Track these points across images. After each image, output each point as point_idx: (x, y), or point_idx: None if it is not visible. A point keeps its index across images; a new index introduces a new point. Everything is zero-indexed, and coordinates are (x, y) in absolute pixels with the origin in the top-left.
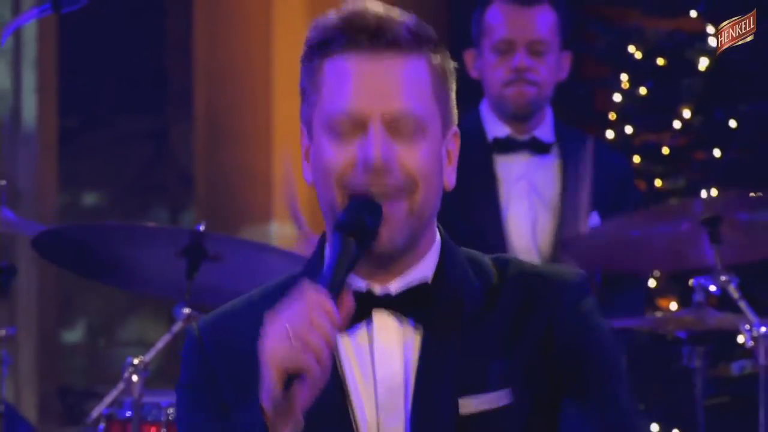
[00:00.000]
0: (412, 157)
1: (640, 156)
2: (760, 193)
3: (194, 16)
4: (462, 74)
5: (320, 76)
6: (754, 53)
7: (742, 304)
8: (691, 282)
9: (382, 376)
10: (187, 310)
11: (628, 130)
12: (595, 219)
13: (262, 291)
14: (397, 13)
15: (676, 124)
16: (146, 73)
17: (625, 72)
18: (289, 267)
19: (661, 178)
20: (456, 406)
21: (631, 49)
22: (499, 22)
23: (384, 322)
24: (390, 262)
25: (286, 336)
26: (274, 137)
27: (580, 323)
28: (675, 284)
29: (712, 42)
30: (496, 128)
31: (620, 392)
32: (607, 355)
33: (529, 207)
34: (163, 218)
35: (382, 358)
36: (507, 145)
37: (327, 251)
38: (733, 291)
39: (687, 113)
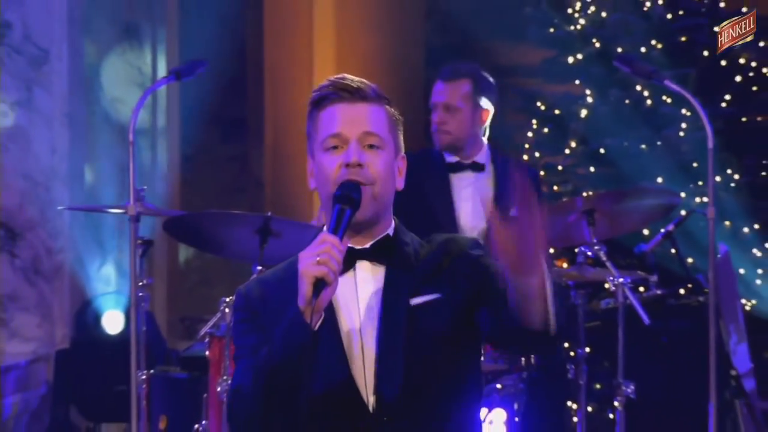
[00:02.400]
0: (375, 162)
1: (544, 171)
2: (619, 192)
3: (265, 82)
4: None
5: (318, 120)
6: (617, 106)
7: (608, 264)
8: (576, 250)
9: (362, 296)
10: (259, 268)
11: (537, 154)
12: (515, 212)
13: (283, 265)
14: (366, 82)
15: (567, 151)
16: (233, 118)
17: (534, 118)
18: None
19: (557, 185)
20: (408, 302)
21: (538, 103)
22: (433, 90)
23: (363, 266)
24: (364, 229)
25: (314, 259)
26: None
27: (478, 259)
28: (566, 252)
29: (589, 99)
30: (450, 157)
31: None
32: (501, 274)
33: (473, 206)
34: (245, 210)
35: (362, 285)
36: (457, 167)
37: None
38: (602, 255)
39: (573, 144)
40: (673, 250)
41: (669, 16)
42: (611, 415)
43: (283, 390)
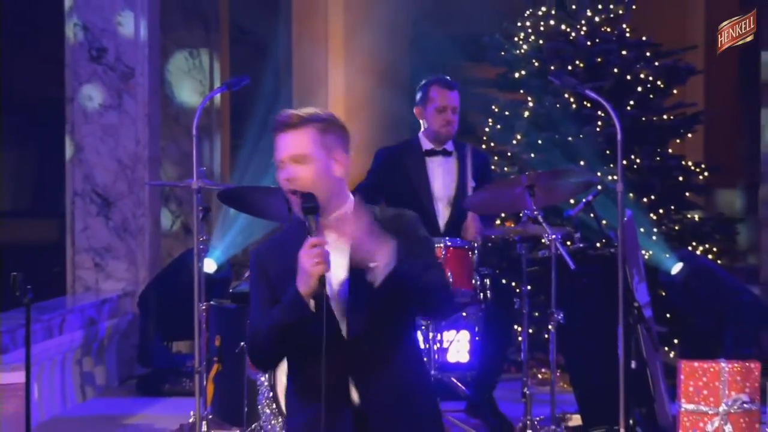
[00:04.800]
0: (302, 172)
1: (498, 156)
2: (552, 172)
3: (293, 90)
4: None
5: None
6: (551, 109)
7: (544, 224)
8: (521, 214)
9: (333, 258)
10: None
11: (492, 144)
12: (473, 185)
13: (280, 233)
14: (304, 111)
15: (514, 142)
16: (268, 117)
17: (490, 117)
18: None
19: (507, 167)
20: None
21: (493, 107)
22: (437, 96)
23: (330, 236)
24: (324, 211)
25: (314, 260)
26: None
27: (416, 233)
28: (513, 216)
29: (530, 104)
30: (427, 144)
31: (431, 255)
32: (426, 242)
33: (443, 182)
34: (277, 185)
35: (333, 250)
36: (432, 152)
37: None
38: (540, 218)
39: (519, 137)
40: (591, 215)
41: (588, 43)
42: (546, 336)
43: (286, 339)
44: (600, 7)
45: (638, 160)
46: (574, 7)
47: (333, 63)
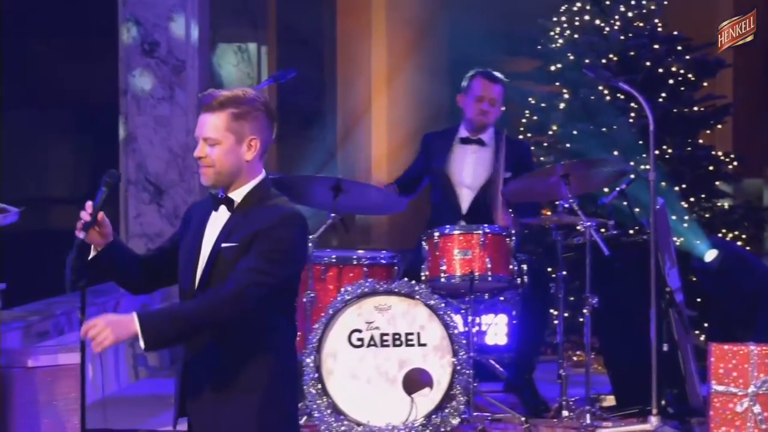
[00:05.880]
0: (212, 152)
1: (534, 146)
2: (587, 162)
3: (337, 83)
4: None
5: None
6: (585, 101)
7: (579, 212)
8: (557, 202)
9: (211, 228)
10: (333, 215)
11: (529, 134)
12: (507, 175)
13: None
14: (227, 93)
15: (550, 132)
16: (313, 110)
17: (527, 109)
18: (381, 196)
19: (544, 156)
20: (220, 245)
21: (530, 99)
22: (477, 85)
23: (221, 209)
24: (227, 187)
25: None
26: (372, 140)
27: (273, 229)
28: (550, 204)
29: (566, 96)
30: (463, 132)
31: (265, 253)
32: (275, 242)
33: (473, 170)
34: (323, 174)
35: (213, 221)
36: (467, 141)
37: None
38: (575, 206)
39: (554, 127)
40: (625, 203)
41: (622, 37)
42: (581, 319)
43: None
44: (633, 2)
45: (670, 150)
46: (608, 2)
47: (376, 56)
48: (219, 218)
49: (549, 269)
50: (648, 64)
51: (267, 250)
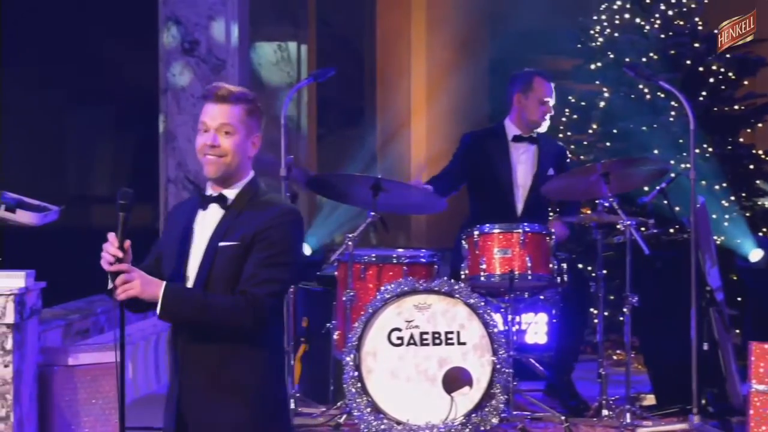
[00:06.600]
0: (226, 142)
1: (574, 145)
2: (627, 160)
3: (377, 83)
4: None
5: (202, 110)
6: (626, 100)
7: (619, 211)
8: (597, 201)
9: (205, 227)
10: (372, 213)
11: (569, 133)
12: (551, 173)
13: (186, 200)
14: (236, 88)
15: (590, 131)
16: (353, 108)
17: (567, 108)
18: (420, 195)
19: (584, 155)
20: (218, 243)
21: (570, 97)
22: (540, 87)
23: (212, 207)
24: (221, 183)
25: (123, 289)
26: (411, 145)
27: (270, 229)
28: (590, 203)
29: (606, 94)
30: (515, 130)
31: (271, 261)
32: (274, 241)
33: (525, 169)
34: (363, 173)
35: (204, 219)
36: (519, 139)
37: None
38: (615, 205)
39: (594, 126)
40: (665, 201)
41: (662, 36)
42: (621, 318)
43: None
44: (673, 1)
45: (710, 149)
46: (648, 1)
47: (415, 55)
48: (209, 216)
49: (589, 268)
50: (688, 62)
51: (271, 254)
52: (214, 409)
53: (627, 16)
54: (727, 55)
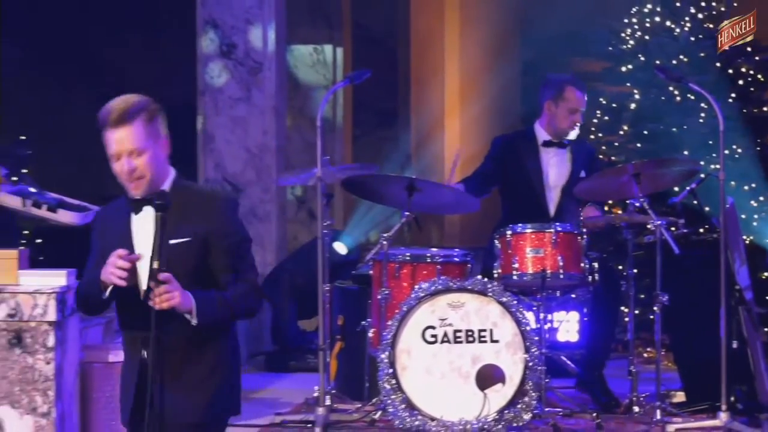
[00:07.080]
0: (141, 162)
1: (605, 146)
2: (657, 161)
3: (411, 84)
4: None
5: (105, 140)
6: (656, 101)
7: (650, 211)
8: (627, 201)
9: (143, 232)
10: (407, 213)
11: (600, 135)
12: (582, 175)
13: (115, 202)
14: (123, 104)
15: (621, 132)
16: (388, 110)
17: (598, 110)
18: (454, 195)
19: (615, 156)
20: (168, 240)
21: (600, 99)
22: (572, 97)
23: (146, 210)
24: (154, 187)
25: (117, 272)
26: (445, 146)
27: (221, 216)
28: (620, 203)
29: (636, 96)
30: (545, 135)
31: (241, 250)
32: (231, 231)
33: (557, 172)
34: (397, 174)
35: (141, 223)
36: (548, 144)
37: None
38: (646, 205)
39: (625, 127)
40: (695, 202)
41: (692, 38)
42: (651, 317)
43: (91, 303)
44: (703, 4)
45: (739, 150)
46: (678, 4)
47: (448, 57)
48: (145, 218)
49: (620, 267)
50: (718, 64)
51: (236, 242)
52: (182, 391)
53: (657, 19)
54: (756, 58)
